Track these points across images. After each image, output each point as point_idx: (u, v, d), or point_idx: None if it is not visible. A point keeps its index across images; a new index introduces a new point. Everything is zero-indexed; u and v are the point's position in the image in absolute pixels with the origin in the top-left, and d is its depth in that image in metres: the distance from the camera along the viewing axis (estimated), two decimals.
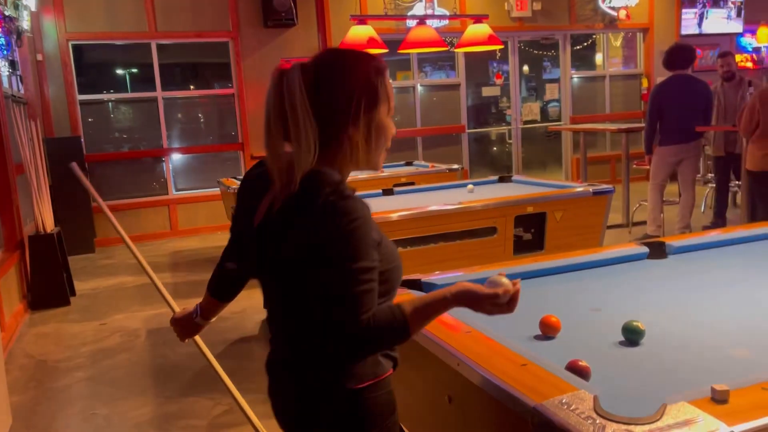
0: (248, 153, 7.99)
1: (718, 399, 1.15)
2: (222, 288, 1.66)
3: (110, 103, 7.88)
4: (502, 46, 5.15)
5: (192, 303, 1.77)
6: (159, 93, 7.75)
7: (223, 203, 6.26)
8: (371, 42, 3.93)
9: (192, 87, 8.38)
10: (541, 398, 1.21)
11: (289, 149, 1.25)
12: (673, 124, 5.45)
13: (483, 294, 1.24)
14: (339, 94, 1.27)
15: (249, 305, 4.61)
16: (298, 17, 7.84)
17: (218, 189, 6.33)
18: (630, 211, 6.51)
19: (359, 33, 3.96)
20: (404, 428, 1.54)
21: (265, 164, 1.30)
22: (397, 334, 1.21)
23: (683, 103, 5.41)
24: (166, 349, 4.05)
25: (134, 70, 8.05)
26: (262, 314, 4.43)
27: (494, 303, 1.24)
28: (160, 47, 7.69)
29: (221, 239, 7.24)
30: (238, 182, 5.64)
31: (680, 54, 5.50)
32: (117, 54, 7.87)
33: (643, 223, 6.15)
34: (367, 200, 1.29)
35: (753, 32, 10.22)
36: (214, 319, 1.72)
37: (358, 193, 1.26)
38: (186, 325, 1.71)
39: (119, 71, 8.02)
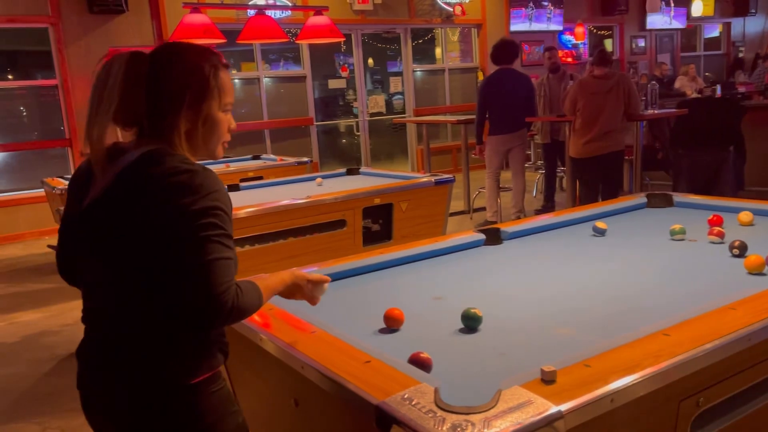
0: (77, 149, 7.33)
1: (547, 380, 1.21)
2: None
3: None
4: (343, 39, 5.16)
5: (17, 318, 1.57)
6: None
7: (49, 205, 5.68)
8: (207, 32, 3.74)
9: (10, 77, 7.50)
10: (384, 395, 1.20)
11: (112, 138, 1.29)
12: (500, 115, 5.81)
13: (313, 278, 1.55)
14: (170, 85, 1.30)
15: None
16: (129, 4, 7.30)
17: (42, 190, 5.73)
18: (471, 198, 6.85)
19: (194, 21, 3.75)
20: None
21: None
22: (255, 304, 1.29)
23: (508, 95, 5.78)
24: None
25: None
26: None
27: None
28: None
29: (48, 246, 6.58)
30: (66, 182, 5.16)
31: (505, 49, 5.86)
32: None
33: (483, 209, 6.51)
34: None
35: (572, 30, 11.21)
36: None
37: None
38: None
39: None
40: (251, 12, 7.73)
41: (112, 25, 7.34)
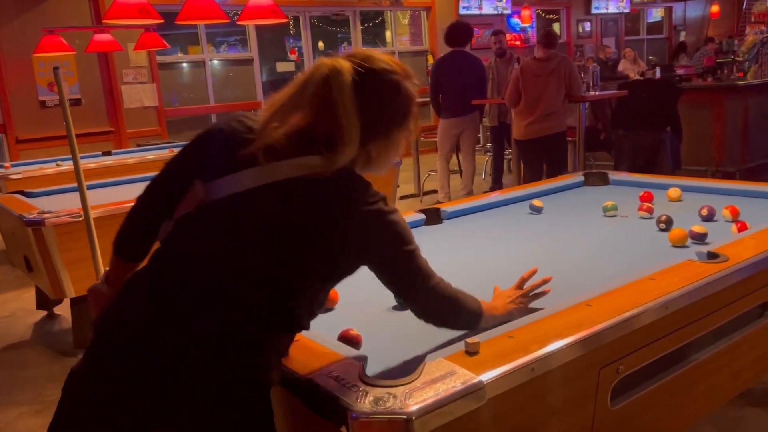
0: (12, 135, 7.03)
1: (471, 351, 1.24)
2: (142, 246, 1.38)
3: None
4: (286, 20, 5.08)
5: None
6: None
7: None
8: (143, 11, 3.63)
9: None
10: (310, 371, 1.20)
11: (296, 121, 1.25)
12: (451, 98, 5.84)
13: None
14: (381, 108, 1.28)
15: (19, 307, 4.10)
16: None
17: None
18: (421, 181, 6.89)
19: (129, 2, 3.63)
20: None
21: (244, 123, 1.28)
22: (470, 314, 1.40)
23: (459, 78, 5.81)
24: None
25: None
26: (35, 316, 3.96)
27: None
28: None
29: None
30: (0, 170, 4.96)
31: (457, 31, 5.88)
32: None
33: (434, 191, 6.55)
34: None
35: (519, 13, 11.33)
36: None
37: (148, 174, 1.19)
38: (100, 298, 1.38)
39: None
40: None
41: (47, 6, 7.05)
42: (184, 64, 8.75)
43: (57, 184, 4.17)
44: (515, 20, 11.52)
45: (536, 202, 2.58)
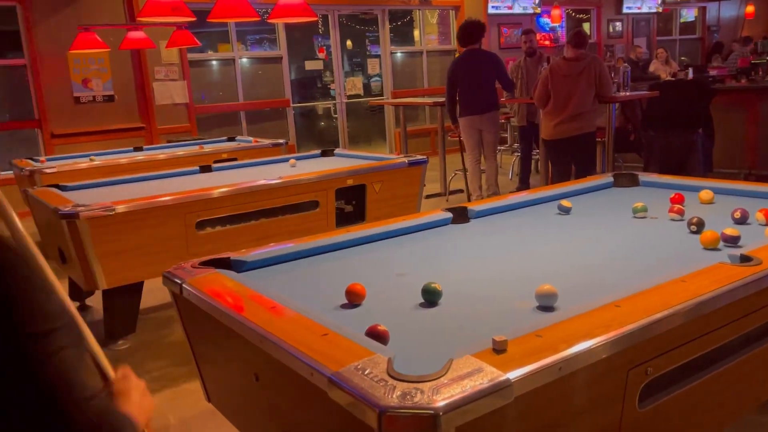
0: (47, 130, 7.20)
1: (498, 349, 1.24)
2: None
3: None
4: (316, 18, 5.13)
5: None
6: None
7: (17, 187, 5.59)
8: (176, 9, 3.69)
9: None
10: (338, 366, 1.22)
11: None
12: (467, 98, 5.83)
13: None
14: None
15: None
16: None
17: (11, 172, 5.64)
18: (447, 180, 6.88)
19: (163, 0, 3.70)
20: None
21: None
22: None
23: (474, 77, 5.78)
24: None
25: None
26: None
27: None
28: None
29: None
30: (35, 163, 5.09)
31: (469, 30, 5.85)
32: None
33: (460, 191, 6.54)
34: (184, 178, 1.12)
35: (549, 13, 11.23)
36: None
37: (178, 170, 1.05)
38: None
39: None
40: None
41: (82, 4, 7.19)
42: (214, 62, 8.86)
43: (90, 179, 4.26)
44: (545, 20, 11.42)
45: (565, 203, 2.56)
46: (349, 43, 9.98)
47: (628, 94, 5.68)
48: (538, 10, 11.15)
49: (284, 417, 1.50)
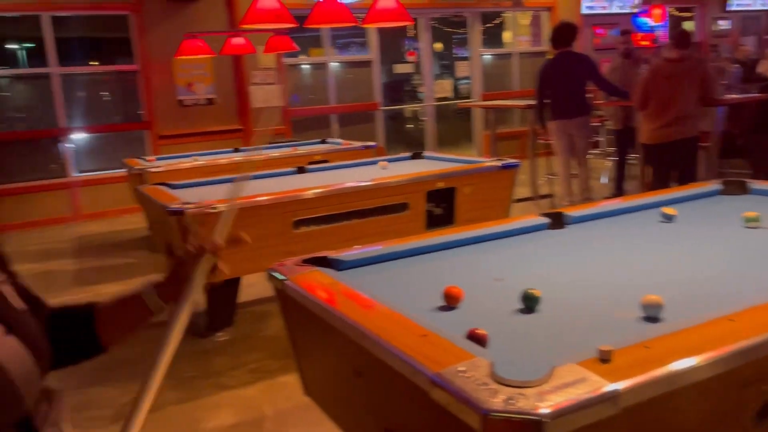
0: (155, 132, 7.66)
1: (603, 359, 1.22)
2: None
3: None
4: (411, 23, 5.17)
5: (101, 289, 1.65)
6: (54, 69, 7.27)
7: (129, 185, 5.98)
8: (279, 17, 3.83)
9: (95, 63, 7.92)
10: (440, 367, 1.23)
11: None
12: (556, 101, 5.68)
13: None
14: None
15: None
16: None
17: (124, 170, 6.05)
18: (537, 184, 6.75)
19: (266, 6, 3.85)
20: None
21: None
22: None
23: (564, 80, 5.62)
24: None
25: (29, 45, 7.51)
26: None
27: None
28: (56, 20, 7.20)
29: (128, 222, 6.94)
30: (144, 162, 5.43)
31: (562, 32, 5.70)
32: (7, 27, 7.30)
33: (550, 195, 6.40)
34: (280, 179, 1.19)
35: (648, 12, 10.77)
36: None
37: (275, 171, 1.12)
38: None
39: (11, 45, 7.46)
40: None
41: (188, 12, 7.60)
42: (307, 66, 9.11)
43: (193, 177, 4.50)
44: (643, 19, 10.97)
45: (668, 210, 2.46)
46: (438, 45, 9.99)
47: (737, 96, 5.37)
48: (636, 10, 10.72)
49: (383, 413, 1.54)
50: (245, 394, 3.01)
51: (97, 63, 7.99)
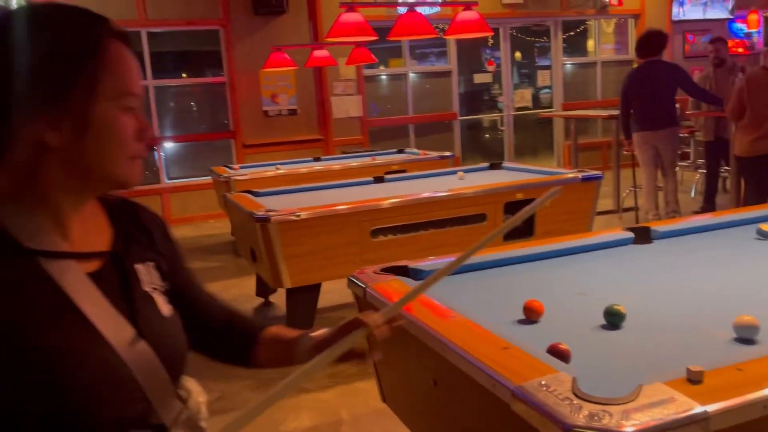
0: (240, 141, 7.98)
1: (693, 380, 1.18)
2: None
3: None
4: (492, 33, 5.16)
5: None
6: (149, 81, 7.71)
7: (215, 191, 6.26)
8: (361, 30, 3.92)
9: (184, 75, 8.34)
10: (521, 380, 1.23)
11: None
12: (642, 112, 5.46)
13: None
14: (25, 66, 0.85)
15: (240, 293, 4.64)
16: (289, 5, 7.81)
17: (210, 177, 6.33)
18: (620, 197, 6.54)
19: (349, 20, 3.95)
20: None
21: None
22: None
23: (650, 90, 5.39)
24: None
25: None
26: (253, 302, 4.47)
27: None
28: (150, 35, 7.65)
29: (214, 227, 7.24)
30: (230, 170, 5.67)
31: (650, 40, 5.48)
32: None
33: (633, 209, 6.19)
34: (358, 188, 1.23)
35: (744, 18, 10.24)
36: None
37: (354, 180, 1.14)
38: None
39: None
40: (402, 9, 7.94)
41: (273, 26, 7.89)
42: (386, 77, 9.23)
43: (276, 186, 4.65)
44: (739, 25, 10.44)
45: (765, 227, 2.34)
46: (518, 54, 9.88)
47: None
48: (730, 15, 10.22)
49: (461, 423, 1.55)
50: (323, 398, 3.08)
51: (186, 75, 8.40)
